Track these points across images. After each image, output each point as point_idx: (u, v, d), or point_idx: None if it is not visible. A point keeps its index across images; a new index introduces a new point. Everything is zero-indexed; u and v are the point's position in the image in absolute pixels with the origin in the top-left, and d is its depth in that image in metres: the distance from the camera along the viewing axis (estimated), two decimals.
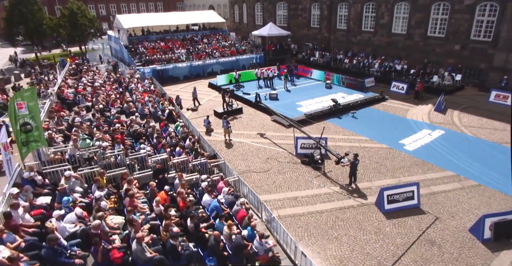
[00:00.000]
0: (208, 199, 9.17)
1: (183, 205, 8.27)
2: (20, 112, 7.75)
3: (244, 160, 14.20)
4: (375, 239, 9.54)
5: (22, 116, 7.78)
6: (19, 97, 7.76)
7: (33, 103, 7.92)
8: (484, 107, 18.91)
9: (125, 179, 8.60)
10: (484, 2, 20.58)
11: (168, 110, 17.00)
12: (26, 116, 7.85)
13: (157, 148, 12.10)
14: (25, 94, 7.83)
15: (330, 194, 11.69)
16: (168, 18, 35.66)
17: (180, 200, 8.51)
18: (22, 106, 7.72)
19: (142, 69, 26.76)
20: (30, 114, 7.86)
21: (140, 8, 60.90)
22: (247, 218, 8.58)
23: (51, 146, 9.91)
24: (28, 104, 7.79)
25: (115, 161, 10.14)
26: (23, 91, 7.99)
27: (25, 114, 7.81)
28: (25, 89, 7.99)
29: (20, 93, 7.81)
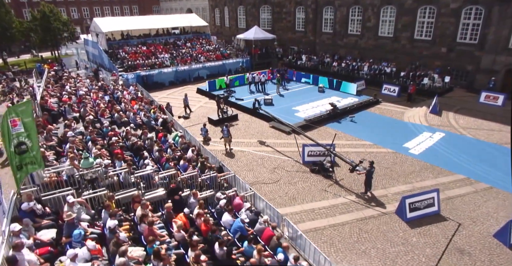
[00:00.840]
0: (229, 218, 8.37)
1: (206, 228, 7.43)
2: (14, 131, 6.58)
3: (250, 171, 13.46)
4: (404, 250, 9.13)
5: (17, 135, 6.61)
6: (13, 113, 6.58)
7: (29, 119, 6.76)
8: (475, 108, 19.34)
9: (137, 202, 7.61)
10: (470, 6, 21.17)
11: (161, 119, 15.95)
12: (21, 135, 6.68)
13: (160, 162, 11.11)
14: (20, 109, 6.64)
15: (347, 204, 11.20)
16: (149, 22, 34.29)
17: (201, 223, 7.65)
18: (16, 124, 6.55)
19: (126, 75, 25.34)
20: (25, 133, 6.72)
21: (115, 12, 58.52)
22: (276, 238, 7.86)
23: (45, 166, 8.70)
24: (23, 121, 6.63)
25: (118, 180, 9.10)
26: (17, 106, 6.75)
27: (20, 133, 6.65)
28: (20, 104, 6.79)
29: (14, 108, 6.63)
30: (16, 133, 6.57)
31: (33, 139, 6.84)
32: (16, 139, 6.62)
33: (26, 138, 6.71)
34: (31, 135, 6.79)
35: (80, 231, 5.79)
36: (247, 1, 38.45)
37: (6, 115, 6.40)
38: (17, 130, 6.57)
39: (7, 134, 6.41)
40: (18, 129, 6.58)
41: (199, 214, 7.79)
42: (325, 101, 21.42)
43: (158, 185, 9.72)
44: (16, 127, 6.54)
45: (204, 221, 7.52)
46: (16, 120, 6.48)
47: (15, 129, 6.53)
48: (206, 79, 29.42)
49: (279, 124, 17.65)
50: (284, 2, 34.39)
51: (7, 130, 6.39)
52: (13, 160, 6.55)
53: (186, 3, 59.69)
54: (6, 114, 6.41)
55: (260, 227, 8.46)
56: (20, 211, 6.41)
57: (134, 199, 7.76)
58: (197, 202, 8.52)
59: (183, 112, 20.71)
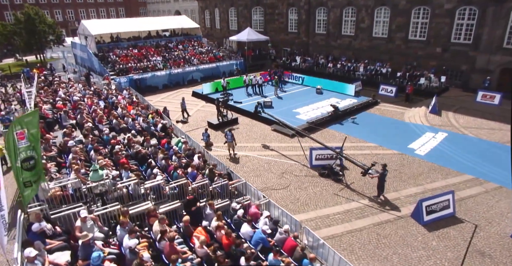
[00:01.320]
0: (249, 230, 7.98)
1: (228, 242, 7.01)
2: (21, 145, 5.99)
3: (258, 176, 13.09)
4: (426, 255, 8.94)
5: (24, 149, 6.01)
6: (19, 124, 5.98)
7: (35, 130, 6.16)
8: (473, 107, 19.55)
9: (153, 216, 7.12)
10: (463, 7, 21.46)
11: (161, 124, 15.40)
12: (28, 148, 6.09)
13: (167, 171, 10.60)
14: (26, 120, 6.02)
15: (361, 208, 10.98)
16: (139, 24, 33.49)
17: (222, 236, 7.23)
18: (23, 137, 5.94)
19: (118, 79, 24.57)
20: (31, 146, 6.12)
21: (101, 14, 57.10)
22: (300, 248, 7.52)
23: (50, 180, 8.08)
24: (30, 133, 6.04)
25: (127, 192, 8.57)
26: (24, 116, 6.09)
27: (27, 147, 6.05)
28: (26, 114, 6.11)
29: (21, 119, 5.99)
30: (23, 146, 5.97)
31: (38, 151, 6.25)
32: (23, 153, 6.01)
33: (33, 150, 6.12)
34: (36, 148, 6.20)
35: (99, 253, 5.28)
36: (239, 3, 38.12)
37: (12, 128, 5.79)
38: (24, 145, 5.97)
39: (13, 148, 5.81)
40: (24, 143, 5.97)
41: (219, 226, 7.37)
42: (324, 103, 21.28)
43: (168, 195, 9.24)
44: (23, 141, 5.93)
45: (226, 234, 7.10)
46: (22, 133, 5.88)
47: (21, 143, 5.92)
48: (200, 82, 28.98)
49: (281, 128, 17.33)
50: (276, 3, 34.21)
51: (13, 144, 5.80)
52: (20, 176, 5.95)
53: (174, 5, 58.84)
54: (12, 127, 5.81)
55: (281, 237, 8.11)
56: (30, 233, 5.82)
57: (149, 213, 7.26)
58: (214, 213, 8.09)
59: (180, 117, 20.17)
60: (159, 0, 62.23)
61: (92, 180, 7.16)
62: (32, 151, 6.09)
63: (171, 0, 58.99)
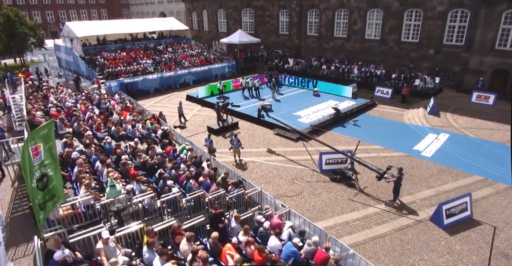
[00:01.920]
0: (277, 243, 7.55)
1: (262, 258, 6.56)
2: (36, 161, 5.33)
3: (268, 183, 12.68)
4: (452, 260, 8.80)
5: (39, 166, 5.36)
6: (34, 138, 5.32)
7: (50, 143, 5.48)
8: (469, 108, 19.92)
9: (179, 234, 6.57)
10: (455, 9, 21.92)
11: (161, 130, 14.73)
12: (43, 164, 5.42)
13: (178, 181, 10.03)
14: (42, 134, 5.33)
15: (379, 213, 10.77)
16: (126, 26, 32.46)
17: (253, 252, 6.78)
18: (37, 152, 5.29)
19: (108, 83, 23.56)
20: (46, 161, 5.44)
21: (81, 16, 55.15)
22: (333, 260, 7.16)
23: None
24: (45, 148, 5.37)
25: (143, 206, 7.98)
26: (39, 129, 5.45)
27: (42, 163, 5.38)
28: (42, 126, 5.39)
29: (36, 133, 5.27)
30: (38, 163, 5.30)
31: (53, 167, 5.58)
32: (38, 171, 5.34)
33: (48, 166, 5.45)
34: (52, 162, 5.54)
35: None
36: (228, 5, 37.67)
37: (27, 143, 5.11)
38: (39, 160, 5.30)
39: (29, 166, 5.13)
40: (40, 158, 5.31)
41: (249, 242, 6.91)
42: (323, 105, 21.16)
43: (185, 208, 8.69)
44: (38, 157, 5.26)
45: (259, 249, 6.65)
46: (37, 148, 5.21)
47: (36, 160, 5.24)
48: (193, 85, 28.37)
49: (284, 132, 17.02)
50: (267, 6, 34.01)
51: (29, 162, 5.12)
52: (35, 198, 5.26)
53: (158, 7, 57.69)
54: (27, 142, 5.12)
55: (310, 249, 7.71)
56: (50, 262, 5.13)
57: (174, 230, 6.70)
58: (240, 227, 7.62)
59: (177, 122, 19.50)
60: (143, 2, 60.87)
61: (110, 196, 6.53)
62: (44, 168, 5.42)
63: (155, 2, 57.82)
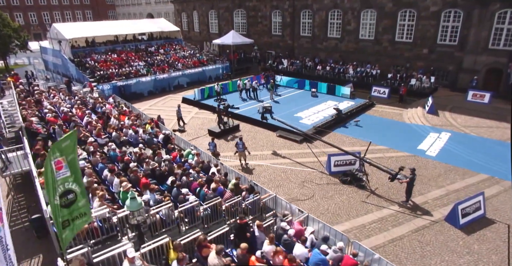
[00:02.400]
0: (304, 251, 7.29)
1: None
2: (59, 176, 4.85)
3: (278, 187, 12.43)
4: (472, 260, 8.78)
5: (62, 181, 4.88)
6: (57, 151, 4.80)
7: (72, 156, 5.01)
8: (465, 106, 20.23)
9: (206, 247, 6.21)
10: (449, 9, 22.27)
11: (163, 135, 14.26)
12: (67, 179, 4.97)
13: (190, 188, 9.64)
14: (64, 145, 4.84)
15: (394, 215, 10.69)
16: (116, 27, 31.64)
17: (282, 262, 6.50)
18: (61, 166, 4.81)
19: (101, 86, 22.81)
20: (72, 176, 4.97)
21: (66, 17, 53.50)
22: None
23: None
24: (68, 160, 4.91)
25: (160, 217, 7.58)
26: (62, 140, 4.92)
27: (66, 178, 4.90)
28: (64, 137, 4.89)
29: (58, 144, 4.79)
30: (62, 178, 4.82)
31: (79, 183, 5.12)
32: (61, 186, 4.87)
33: (73, 182, 4.99)
34: (77, 178, 5.08)
35: None
36: (219, 5, 37.27)
37: (49, 156, 4.63)
38: (62, 175, 4.82)
39: (52, 181, 4.67)
40: (63, 173, 4.83)
41: (277, 251, 6.62)
42: (323, 106, 21.09)
43: (202, 218, 8.34)
44: (61, 171, 4.77)
45: (289, 259, 6.38)
46: (60, 161, 4.73)
47: (60, 174, 4.76)
48: (187, 87, 27.88)
49: (287, 133, 16.84)
50: (259, 6, 33.80)
51: (51, 176, 4.65)
52: (58, 216, 4.79)
53: (145, 8, 56.65)
54: (49, 155, 4.65)
55: (336, 256, 7.48)
56: None
57: (200, 243, 6.34)
58: (264, 235, 7.33)
59: (175, 125, 19.03)
60: (129, 3, 59.65)
61: (131, 209, 6.10)
62: (71, 183, 4.97)
63: (142, 3, 56.74)
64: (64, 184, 4.92)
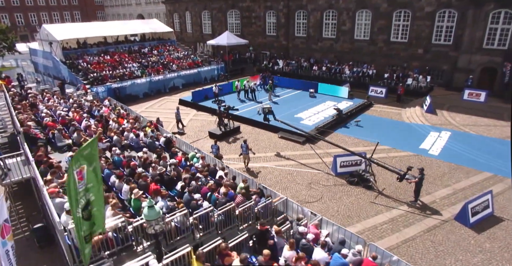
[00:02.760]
0: (324, 255, 7.16)
1: None
2: (81, 187, 4.52)
3: (285, 189, 12.29)
4: (486, 258, 8.82)
5: (84, 192, 4.59)
6: (79, 160, 4.43)
7: (94, 164, 4.71)
8: (462, 105, 20.50)
9: (228, 255, 6.00)
10: (443, 9, 22.57)
11: (164, 138, 13.93)
12: (89, 190, 4.67)
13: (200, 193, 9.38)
14: (85, 153, 4.51)
15: (404, 215, 10.67)
16: (108, 28, 31.08)
17: None
18: (82, 176, 4.49)
19: (95, 89, 22.27)
20: (93, 186, 4.64)
21: (53, 18, 52.26)
22: None
23: None
24: (88, 169, 4.62)
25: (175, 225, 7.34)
26: (82, 149, 4.55)
27: (88, 188, 4.61)
28: (85, 145, 4.57)
29: (79, 153, 4.44)
30: (83, 189, 4.51)
31: (96, 190, 4.80)
32: (83, 197, 4.57)
33: (90, 191, 4.67)
34: (96, 186, 4.78)
35: None
36: (212, 6, 36.96)
37: (71, 166, 4.32)
38: (84, 185, 4.52)
39: (74, 193, 4.35)
40: (85, 183, 4.54)
41: (300, 257, 6.47)
42: (322, 106, 21.08)
43: (216, 224, 8.12)
44: (83, 181, 4.49)
45: (313, 265, 6.23)
46: (81, 171, 4.43)
47: (81, 184, 4.46)
48: (182, 89, 27.53)
49: (289, 135, 16.73)
50: (253, 7, 33.65)
51: (74, 188, 4.34)
52: (80, 230, 4.49)
53: (136, 9, 55.86)
54: (71, 165, 4.35)
55: (355, 259, 7.37)
56: None
57: (221, 251, 6.12)
58: (283, 241, 7.16)
59: (174, 128, 18.70)
60: (119, 4, 58.72)
61: (149, 218, 5.84)
62: (89, 194, 4.65)
63: (132, 4, 55.94)
64: (85, 194, 4.63)
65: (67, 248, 5.70)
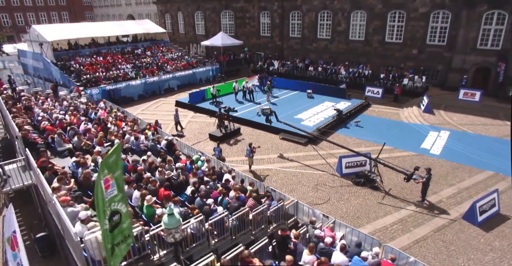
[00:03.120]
0: (344, 259, 7.06)
1: None
2: (108, 196, 4.25)
3: (292, 191, 12.17)
4: (497, 257, 8.90)
5: (110, 201, 4.32)
6: (106, 168, 4.18)
7: (118, 172, 4.45)
8: (458, 105, 20.82)
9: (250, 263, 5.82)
10: (437, 10, 22.90)
11: (165, 141, 13.64)
12: (115, 199, 4.40)
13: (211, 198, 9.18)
14: (111, 160, 4.24)
15: (413, 215, 10.69)
16: (100, 29, 30.38)
17: None
18: (109, 185, 4.24)
19: (89, 91, 21.73)
20: (118, 195, 4.39)
21: (41, 18, 50.95)
22: None
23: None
24: (114, 177, 4.40)
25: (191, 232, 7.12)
26: (109, 156, 4.30)
27: (113, 197, 4.35)
28: (111, 152, 4.32)
29: (106, 161, 4.21)
30: (110, 198, 4.25)
31: (125, 202, 4.53)
32: (109, 208, 4.35)
33: (119, 202, 4.42)
34: (123, 196, 4.49)
35: None
36: (205, 7, 36.64)
37: (99, 175, 4.07)
38: (110, 194, 4.25)
39: (102, 203, 4.09)
40: (111, 192, 4.26)
41: (322, 262, 6.34)
42: (321, 107, 21.08)
43: (230, 229, 7.93)
44: (109, 190, 4.22)
45: None
46: (108, 180, 4.17)
47: (108, 194, 4.20)
48: (178, 90, 27.18)
49: (291, 136, 16.64)
50: (247, 7, 33.49)
51: (102, 197, 4.07)
52: (107, 242, 4.24)
53: (126, 9, 54.97)
54: (99, 174, 4.08)
55: (374, 262, 7.29)
56: None
57: (244, 258, 5.94)
58: (302, 245, 7.03)
59: (173, 130, 18.39)
60: (108, 4, 57.69)
61: (170, 227, 5.60)
62: (117, 203, 4.41)
63: (122, 4, 55.04)
64: (111, 204, 4.39)
65: (83, 261, 5.42)
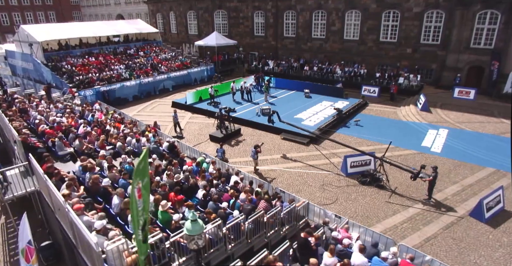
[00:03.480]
0: (363, 260, 7.00)
1: None
2: (140, 206, 4.08)
3: (299, 192, 12.09)
4: (507, 252, 9.03)
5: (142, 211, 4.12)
6: (138, 176, 3.98)
7: (146, 180, 4.24)
8: (453, 103, 21.16)
9: None
10: (431, 10, 23.23)
11: (167, 143, 13.39)
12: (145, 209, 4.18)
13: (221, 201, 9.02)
14: (141, 167, 4.02)
15: (421, 213, 10.76)
16: (91, 29, 29.68)
17: None
18: (141, 194, 4.04)
19: (83, 92, 21.20)
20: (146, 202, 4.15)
21: (27, 18, 49.52)
22: None
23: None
24: (143, 185, 4.14)
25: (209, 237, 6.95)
26: (139, 163, 4.04)
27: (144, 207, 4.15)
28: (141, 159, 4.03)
29: (137, 168, 3.99)
30: (142, 207, 4.01)
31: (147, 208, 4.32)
32: (141, 217, 4.14)
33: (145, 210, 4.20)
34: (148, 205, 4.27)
35: None
36: (198, 6, 36.28)
37: (133, 184, 3.84)
38: (142, 204, 4.03)
39: (135, 213, 3.85)
40: (143, 201, 4.05)
41: (345, 264, 6.27)
42: (319, 106, 21.10)
43: (246, 233, 7.79)
44: (141, 199, 4.03)
45: None
46: (140, 188, 3.98)
47: (140, 203, 4.02)
48: (173, 91, 26.83)
49: (292, 136, 16.58)
50: (241, 7, 33.31)
51: (136, 207, 3.84)
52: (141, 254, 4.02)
53: (115, 9, 53.96)
54: (133, 183, 3.85)
55: (392, 262, 7.28)
56: None
57: (269, 264, 5.81)
58: (321, 248, 6.94)
59: (172, 132, 18.08)
60: (96, 3, 56.53)
61: (193, 233, 5.41)
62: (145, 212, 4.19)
63: (111, 3, 54.01)
64: (143, 214, 4.19)
65: None
